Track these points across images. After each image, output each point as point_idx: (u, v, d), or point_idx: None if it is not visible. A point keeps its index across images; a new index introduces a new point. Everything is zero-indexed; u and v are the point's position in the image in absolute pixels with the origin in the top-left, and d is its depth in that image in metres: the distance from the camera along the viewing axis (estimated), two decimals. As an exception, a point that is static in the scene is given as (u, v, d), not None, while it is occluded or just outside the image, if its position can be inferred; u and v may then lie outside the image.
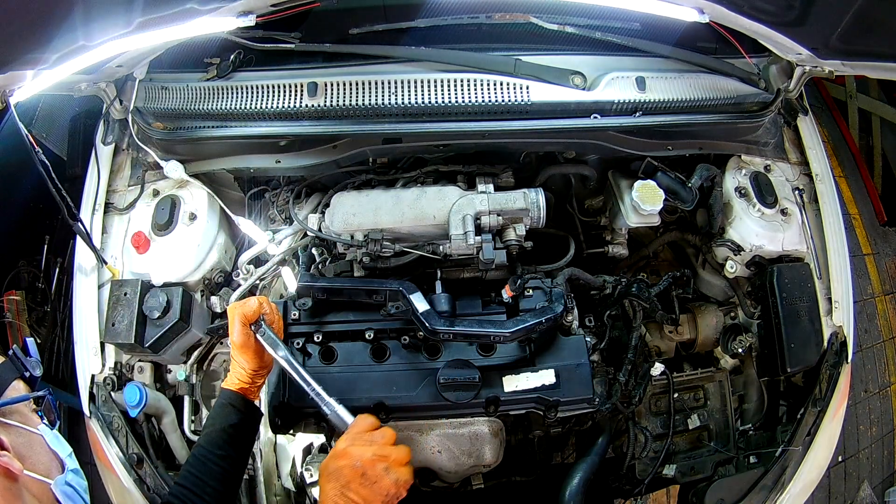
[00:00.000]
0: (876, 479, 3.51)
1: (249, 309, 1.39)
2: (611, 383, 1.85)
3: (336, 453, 1.20)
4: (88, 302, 1.89)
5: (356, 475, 1.15)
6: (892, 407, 3.70)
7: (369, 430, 1.23)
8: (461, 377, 1.64)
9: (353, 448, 1.18)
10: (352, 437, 1.22)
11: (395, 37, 1.89)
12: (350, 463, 1.16)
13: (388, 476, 1.16)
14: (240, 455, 1.38)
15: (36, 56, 1.37)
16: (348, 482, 1.14)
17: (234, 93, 1.83)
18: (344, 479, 1.15)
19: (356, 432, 1.23)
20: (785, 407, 2.03)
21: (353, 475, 1.15)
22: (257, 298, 1.43)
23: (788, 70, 2.07)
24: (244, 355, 1.39)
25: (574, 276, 1.87)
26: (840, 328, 2.01)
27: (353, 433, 1.23)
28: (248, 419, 1.40)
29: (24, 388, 1.08)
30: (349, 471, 1.15)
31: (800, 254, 2.04)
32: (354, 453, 1.17)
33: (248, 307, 1.39)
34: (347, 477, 1.15)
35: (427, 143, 1.85)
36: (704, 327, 2.17)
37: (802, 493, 1.88)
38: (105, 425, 1.80)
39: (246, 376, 1.40)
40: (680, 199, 1.95)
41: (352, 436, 1.22)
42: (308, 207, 2.00)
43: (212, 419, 1.38)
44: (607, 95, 1.81)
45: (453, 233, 1.71)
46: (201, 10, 1.46)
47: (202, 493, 1.27)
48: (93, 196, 2.01)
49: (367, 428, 1.23)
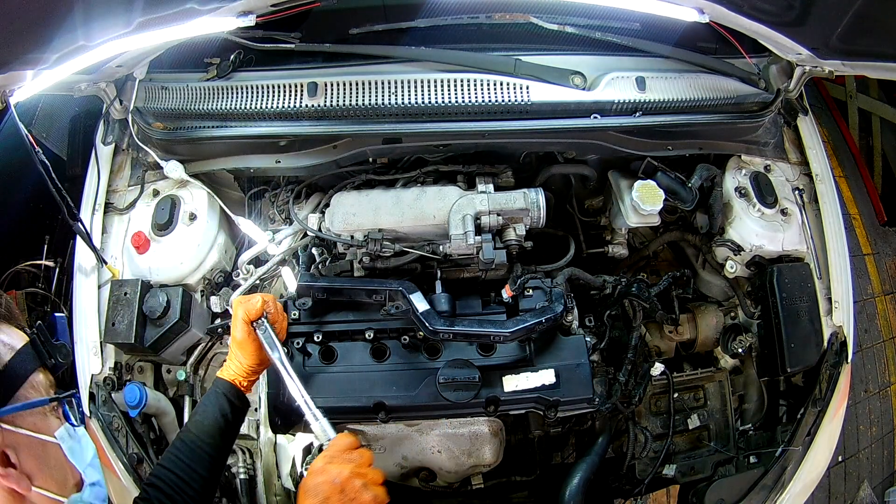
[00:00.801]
0: (876, 479, 3.51)
1: (252, 306, 1.40)
2: (611, 383, 1.85)
3: (314, 471, 1.19)
4: (88, 302, 1.89)
5: (335, 491, 1.14)
6: (892, 407, 3.70)
7: (348, 449, 1.23)
8: (461, 377, 1.64)
9: (332, 466, 1.18)
10: (330, 455, 1.21)
11: (395, 37, 1.89)
12: (328, 479, 1.15)
13: (366, 493, 1.16)
14: (227, 446, 1.37)
15: (36, 56, 1.37)
16: (327, 497, 1.13)
17: (234, 93, 1.83)
18: (322, 495, 1.14)
19: (335, 451, 1.22)
20: (785, 407, 2.03)
21: (331, 491, 1.14)
22: (262, 296, 1.43)
23: (788, 70, 2.07)
24: (242, 350, 1.41)
25: (574, 276, 1.87)
26: (840, 328, 2.01)
27: (332, 452, 1.22)
28: (239, 411, 1.41)
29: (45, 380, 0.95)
30: (328, 486, 1.14)
31: (800, 254, 2.04)
32: (333, 470, 1.17)
33: (252, 304, 1.40)
34: (326, 493, 1.14)
35: (427, 143, 1.85)
36: (704, 327, 2.17)
37: (802, 493, 1.88)
38: (105, 425, 1.79)
39: (242, 370, 1.41)
40: (680, 199, 1.95)
41: (330, 454, 1.22)
42: (308, 207, 2.00)
43: (204, 407, 1.36)
44: (607, 95, 1.81)
45: (453, 233, 1.71)
46: (201, 10, 1.46)
47: (190, 479, 1.24)
48: (93, 196, 2.01)
49: (347, 447, 1.23)
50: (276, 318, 1.44)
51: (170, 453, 1.29)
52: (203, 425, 1.32)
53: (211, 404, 1.36)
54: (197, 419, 1.34)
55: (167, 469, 1.25)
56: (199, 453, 1.29)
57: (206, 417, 1.34)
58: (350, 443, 1.24)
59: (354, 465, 1.19)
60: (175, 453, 1.28)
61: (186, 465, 1.26)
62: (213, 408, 1.35)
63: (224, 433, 1.35)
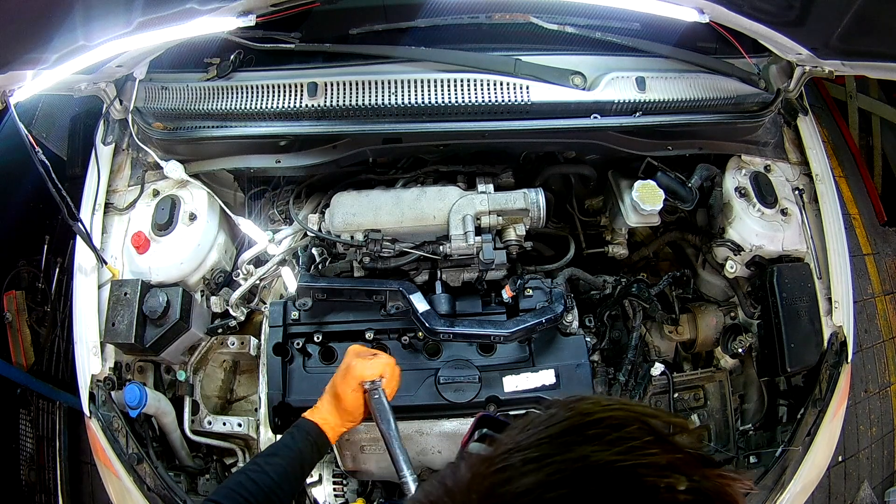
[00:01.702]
0: (876, 479, 3.51)
1: (373, 368, 1.37)
2: (611, 383, 1.85)
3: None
4: (88, 302, 1.88)
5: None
6: (892, 407, 3.70)
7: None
8: (461, 377, 1.65)
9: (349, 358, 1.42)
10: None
11: (395, 37, 1.89)
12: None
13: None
14: (295, 492, 1.35)
15: (36, 56, 1.37)
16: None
17: (234, 93, 1.83)
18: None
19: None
20: (785, 407, 2.03)
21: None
22: (383, 360, 1.40)
23: (788, 70, 2.07)
24: (342, 406, 1.35)
25: (574, 276, 1.87)
26: (840, 328, 2.00)
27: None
28: (320, 458, 1.37)
29: None
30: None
31: (800, 254, 2.04)
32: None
33: (372, 369, 1.36)
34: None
35: (427, 143, 1.85)
36: (704, 327, 2.16)
37: (802, 493, 1.88)
38: (105, 425, 1.79)
39: (337, 423, 1.36)
40: (680, 199, 1.95)
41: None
42: (308, 207, 2.00)
43: (287, 448, 1.27)
44: (607, 95, 1.81)
45: (453, 233, 1.71)
46: (201, 10, 1.47)
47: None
48: (93, 196, 2.01)
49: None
50: (391, 384, 1.40)
51: (242, 483, 1.16)
52: (284, 470, 1.21)
53: (301, 450, 1.28)
54: (279, 462, 1.22)
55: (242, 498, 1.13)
56: (272, 499, 1.16)
57: (292, 463, 1.24)
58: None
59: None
60: (250, 486, 1.15)
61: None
62: (299, 453, 1.27)
63: (302, 478, 1.30)
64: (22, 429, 3.05)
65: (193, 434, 1.96)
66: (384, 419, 1.35)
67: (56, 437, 3.03)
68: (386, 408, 1.35)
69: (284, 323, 1.76)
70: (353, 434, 1.76)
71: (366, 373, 1.36)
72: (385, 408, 1.35)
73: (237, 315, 1.97)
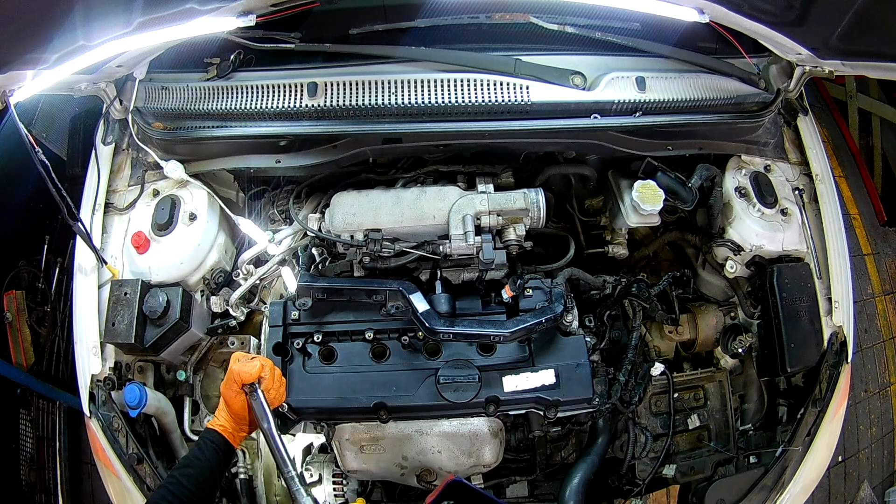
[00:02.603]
0: (876, 479, 3.51)
1: (248, 371, 1.40)
2: (611, 383, 1.85)
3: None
4: (88, 302, 1.89)
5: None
6: (892, 407, 3.70)
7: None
8: (461, 377, 1.65)
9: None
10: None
11: (395, 37, 1.89)
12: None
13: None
14: (213, 497, 1.41)
15: (36, 56, 1.37)
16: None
17: (234, 93, 1.83)
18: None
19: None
20: (785, 407, 2.03)
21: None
22: (261, 361, 1.44)
23: (788, 70, 2.07)
24: (231, 410, 1.42)
25: (574, 276, 1.87)
26: (840, 328, 2.00)
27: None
28: (228, 464, 1.44)
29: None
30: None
31: (800, 254, 2.04)
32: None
33: (247, 371, 1.40)
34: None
35: (427, 143, 1.85)
36: (704, 327, 2.17)
37: (802, 493, 1.88)
38: (105, 425, 1.79)
39: (230, 427, 1.42)
40: (680, 199, 1.95)
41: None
42: (308, 207, 2.00)
43: (197, 459, 1.37)
44: (607, 95, 1.81)
45: (453, 233, 1.71)
46: (201, 10, 1.47)
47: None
48: (93, 196, 2.01)
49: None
50: (270, 385, 1.44)
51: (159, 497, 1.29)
52: (196, 479, 1.32)
53: (206, 458, 1.37)
54: (188, 472, 1.34)
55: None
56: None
57: (201, 472, 1.34)
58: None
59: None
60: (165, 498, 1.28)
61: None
62: (205, 461, 1.36)
63: (216, 486, 1.38)
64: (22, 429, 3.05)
65: (193, 434, 1.96)
66: (264, 419, 1.39)
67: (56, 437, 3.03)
68: (265, 408, 1.40)
69: (284, 323, 1.76)
70: (353, 434, 1.76)
71: (243, 375, 1.40)
72: (264, 408, 1.40)
73: (237, 315, 1.97)
